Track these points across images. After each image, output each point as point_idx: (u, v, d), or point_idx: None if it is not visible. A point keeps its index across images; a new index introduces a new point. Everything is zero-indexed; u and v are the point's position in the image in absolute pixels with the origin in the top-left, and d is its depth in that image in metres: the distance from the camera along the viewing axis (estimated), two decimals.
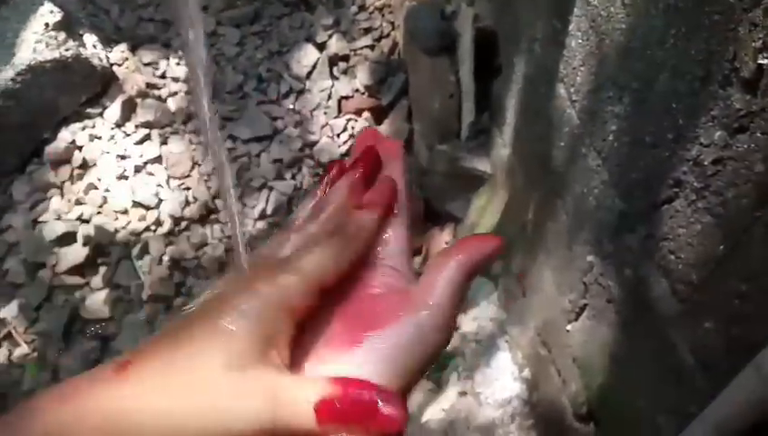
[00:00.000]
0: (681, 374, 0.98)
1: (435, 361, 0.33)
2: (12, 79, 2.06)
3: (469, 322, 1.90)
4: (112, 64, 2.31)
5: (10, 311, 1.98)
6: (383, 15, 2.36)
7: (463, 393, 1.77)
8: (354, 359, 0.32)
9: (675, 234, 0.92)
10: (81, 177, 2.16)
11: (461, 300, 0.34)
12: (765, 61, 0.68)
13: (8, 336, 1.96)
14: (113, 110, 2.23)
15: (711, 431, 0.87)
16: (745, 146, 0.74)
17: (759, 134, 0.72)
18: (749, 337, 0.80)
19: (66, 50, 2.15)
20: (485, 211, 1.87)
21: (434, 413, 1.75)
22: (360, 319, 0.33)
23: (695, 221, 0.87)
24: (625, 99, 1.01)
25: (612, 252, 1.15)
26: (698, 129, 0.82)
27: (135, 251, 2.04)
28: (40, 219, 2.09)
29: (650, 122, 0.94)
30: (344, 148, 2.15)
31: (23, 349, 1.94)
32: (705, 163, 0.82)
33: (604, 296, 1.21)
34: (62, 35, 2.15)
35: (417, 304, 0.33)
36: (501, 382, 1.76)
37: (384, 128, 2.19)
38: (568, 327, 1.40)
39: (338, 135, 2.18)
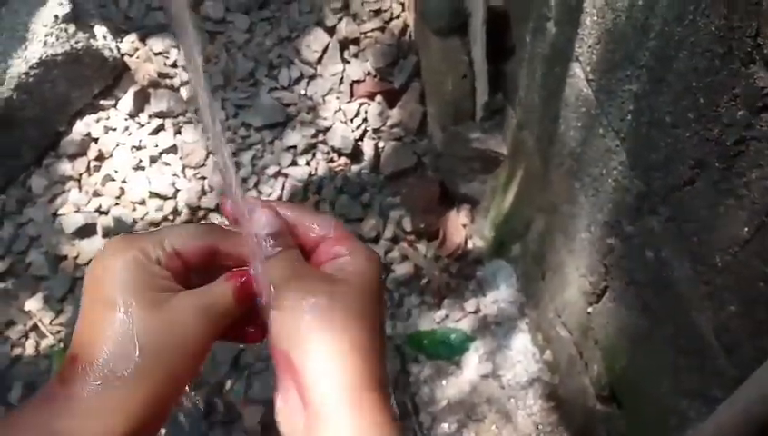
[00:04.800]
0: (704, 357, 0.97)
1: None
2: (25, 73, 2.06)
3: (489, 305, 1.89)
4: (123, 55, 2.30)
5: (35, 303, 2.00)
6: None
7: (485, 377, 1.76)
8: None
9: (698, 216, 0.90)
10: (98, 169, 2.17)
11: None
12: None
13: (35, 327, 1.98)
14: (126, 101, 2.23)
15: (739, 414, 0.85)
16: None
17: None
18: None
19: (77, 42, 2.15)
20: (500, 192, 1.85)
21: (455, 395, 1.75)
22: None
23: (718, 202, 0.85)
24: (643, 78, 0.98)
25: (632, 235, 1.13)
26: (719, 108, 0.80)
27: None
28: (59, 212, 2.11)
29: (669, 101, 0.92)
30: (357, 133, 2.13)
31: (49, 340, 1.97)
32: (728, 143, 0.79)
33: (625, 278, 1.20)
34: (71, 28, 2.14)
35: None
36: (522, 365, 1.76)
37: (397, 111, 2.16)
38: (589, 309, 1.39)
39: (351, 120, 2.16)
